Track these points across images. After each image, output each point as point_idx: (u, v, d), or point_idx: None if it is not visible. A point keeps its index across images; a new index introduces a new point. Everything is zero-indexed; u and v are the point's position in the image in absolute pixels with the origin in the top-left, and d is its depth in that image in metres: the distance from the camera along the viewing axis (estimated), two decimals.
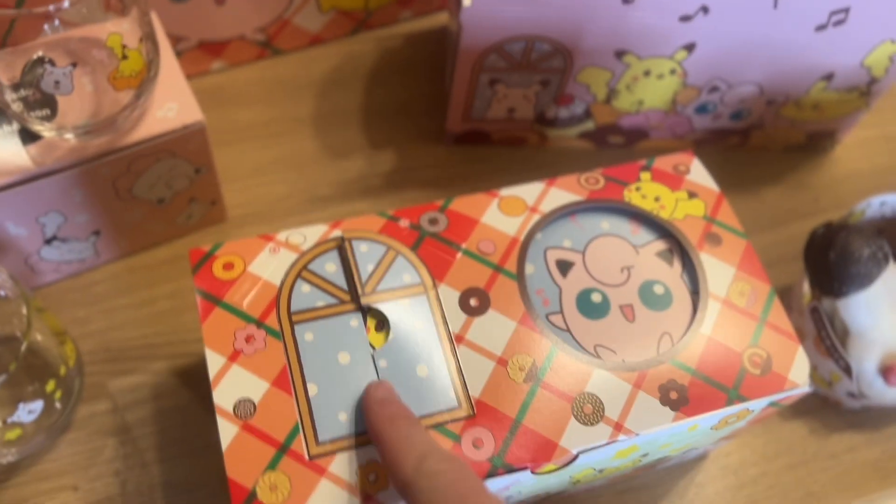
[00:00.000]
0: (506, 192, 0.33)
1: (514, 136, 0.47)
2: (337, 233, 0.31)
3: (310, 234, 0.31)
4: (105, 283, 0.41)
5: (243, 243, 0.30)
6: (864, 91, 0.45)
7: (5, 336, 0.33)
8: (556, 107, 0.45)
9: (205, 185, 0.41)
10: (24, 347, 0.31)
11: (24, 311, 0.32)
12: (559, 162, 0.48)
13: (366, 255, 0.30)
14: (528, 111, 0.45)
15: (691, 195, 0.34)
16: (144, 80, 0.35)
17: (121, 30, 0.33)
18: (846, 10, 0.39)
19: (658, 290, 0.32)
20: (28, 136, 0.35)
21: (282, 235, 0.31)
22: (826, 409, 0.41)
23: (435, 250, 0.31)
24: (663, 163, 0.35)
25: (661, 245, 0.33)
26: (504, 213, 0.33)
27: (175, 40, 0.46)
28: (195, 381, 0.38)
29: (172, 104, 0.37)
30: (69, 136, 0.34)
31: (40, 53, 0.33)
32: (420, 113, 0.49)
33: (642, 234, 0.33)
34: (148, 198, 0.39)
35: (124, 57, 0.33)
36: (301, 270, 0.30)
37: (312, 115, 0.48)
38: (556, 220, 0.33)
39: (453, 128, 0.46)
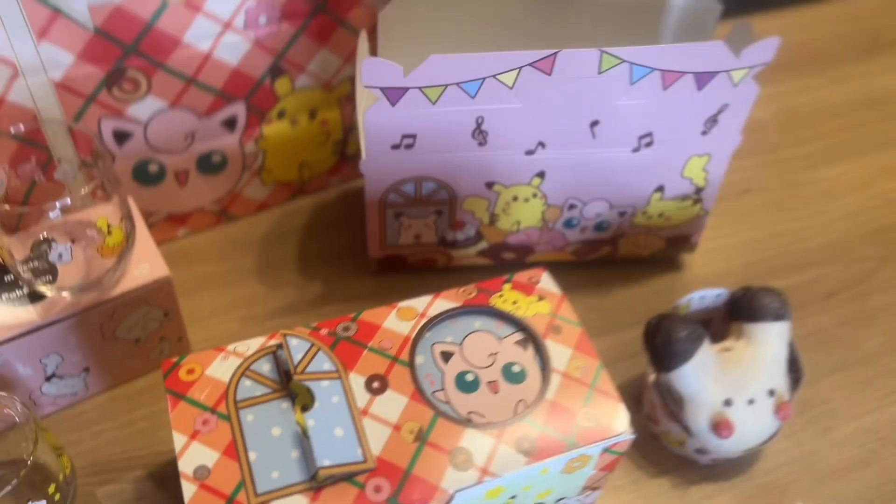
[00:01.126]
0: (402, 304, 0.44)
1: (425, 258, 0.59)
2: (273, 342, 0.41)
3: (252, 344, 0.41)
4: (93, 412, 0.50)
5: (202, 354, 0.40)
6: (696, 198, 0.58)
7: (18, 454, 0.42)
8: (452, 231, 0.57)
9: (173, 326, 0.51)
10: (32, 457, 0.40)
11: (33, 428, 0.41)
12: (464, 278, 0.59)
13: (296, 347, 0.40)
14: (431, 236, 0.57)
15: (540, 298, 0.45)
16: (124, 249, 0.46)
17: (106, 213, 0.44)
18: (650, 135, 0.52)
19: (516, 368, 0.42)
20: (35, 297, 0.45)
21: (231, 346, 0.41)
22: (684, 466, 0.51)
23: (347, 348, 0.41)
24: (521, 276, 0.47)
25: (518, 336, 0.44)
26: (400, 319, 0.43)
27: (147, 215, 0.58)
28: (169, 483, 0.47)
29: (145, 264, 0.48)
30: (66, 294, 0.45)
31: (45, 235, 0.45)
32: (348, 254, 0.61)
33: (504, 329, 0.44)
34: (127, 338, 0.49)
35: (109, 233, 0.44)
36: (245, 370, 0.40)
37: (260, 265, 0.60)
38: (440, 322, 0.44)
39: (374, 254, 0.58)
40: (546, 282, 0.47)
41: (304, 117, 0.59)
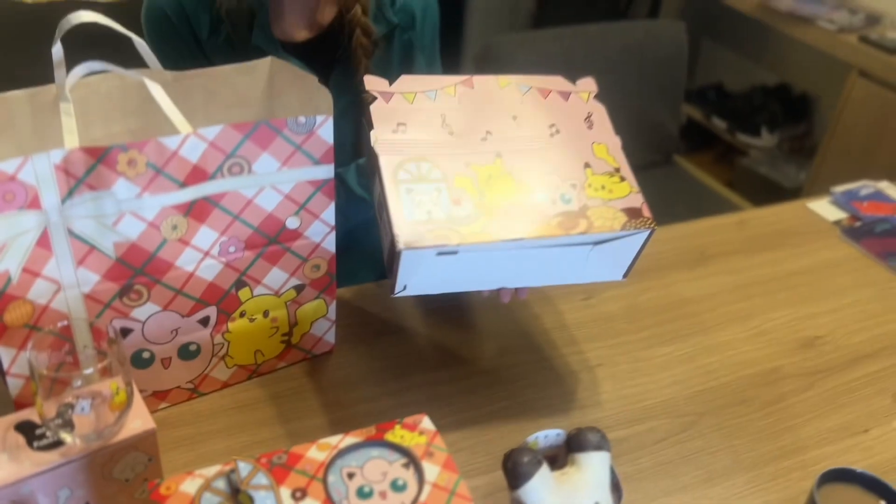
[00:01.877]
0: (322, 440, 0.63)
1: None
2: (228, 468, 0.59)
3: (213, 469, 0.59)
4: None
5: (177, 476, 0.58)
6: (620, 175, 0.79)
7: None
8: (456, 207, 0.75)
9: (154, 471, 0.68)
10: None
11: None
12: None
13: (243, 468, 0.58)
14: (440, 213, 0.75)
15: (421, 433, 0.64)
16: (126, 407, 0.65)
17: (116, 380, 0.64)
18: (554, 125, 0.78)
19: (400, 482, 0.60)
20: (57, 443, 0.63)
21: (198, 471, 0.59)
22: None
23: (279, 471, 0.59)
24: (408, 420, 0.66)
25: (404, 460, 0.62)
26: (319, 450, 0.62)
27: (138, 391, 0.77)
28: None
29: (138, 420, 0.66)
30: (79, 440, 0.63)
31: (70, 399, 0.63)
32: (295, 418, 0.79)
33: (395, 455, 0.62)
34: (119, 478, 0.66)
35: (117, 393, 0.63)
36: (207, 486, 0.57)
37: (221, 428, 0.78)
38: (348, 452, 0.62)
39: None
40: (426, 423, 0.66)
41: (260, 316, 0.80)
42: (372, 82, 0.77)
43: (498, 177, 0.74)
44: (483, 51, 1.76)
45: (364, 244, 1.04)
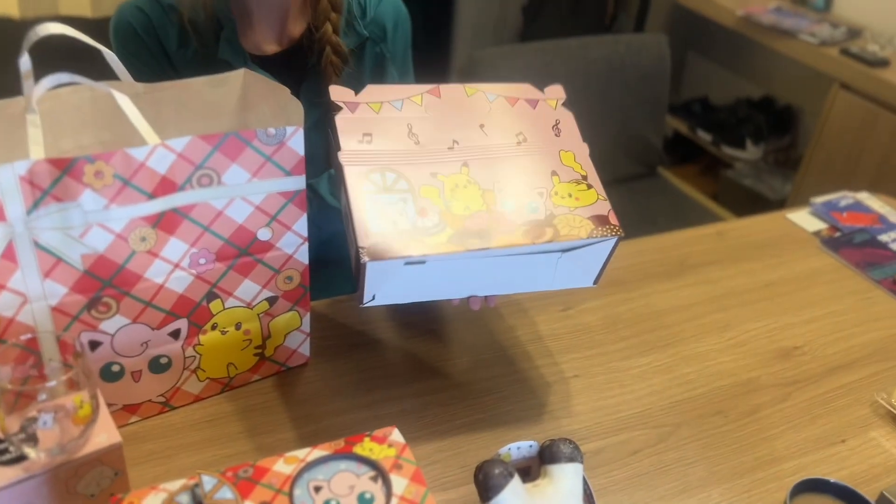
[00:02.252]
0: (289, 454, 0.62)
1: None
2: (192, 482, 0.59)
3: (177, 483, 0.58)
4: None
5: (141, 490, 0.57)
6: (587, 184, 0.79)
7: None
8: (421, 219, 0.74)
9: (121, 485, 0.67)
10: None
11: None
12: None
13: (207, 482, 0.57)
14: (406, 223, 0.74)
15: (390, 446, 0.64)
16: (90, 421, 0.64)
17: (81, 394, 0.63)
18: (521, 133, 0.78)
19: (368, 495, 0.60)
20: (20, 458, 0.62)
21: (162, 485, 0.58)
22: None
23: (245, 484, 0.59)
24: (378, 432, 0.66)
25: (372, 472, 0.62)
26: (286, 464, 0.61)
27: (109, 405, 0.76)
28: None
29: (104, 434, 0.65)
30: (43, 454, 0.62)
31: (34, 413, 0.63)
32: (267, 431, 0.78)
33: (363, 468, 0.62)
34: (84, 493, 0.65)
35: (81, 407, 0.63)
36: (170, 501, 0.57)
37: (192, 442, 0.77)
38: (315, 465, 0.62)
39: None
40: (395, 435, 0.65)
41: (232, 328, 0.80)
42: (337, 92, 0.77)
43: (464, 186, 0.74)
44: (467, 63, 1.77)
45: (339, 255, 1.04)
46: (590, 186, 0.78)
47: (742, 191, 2.47)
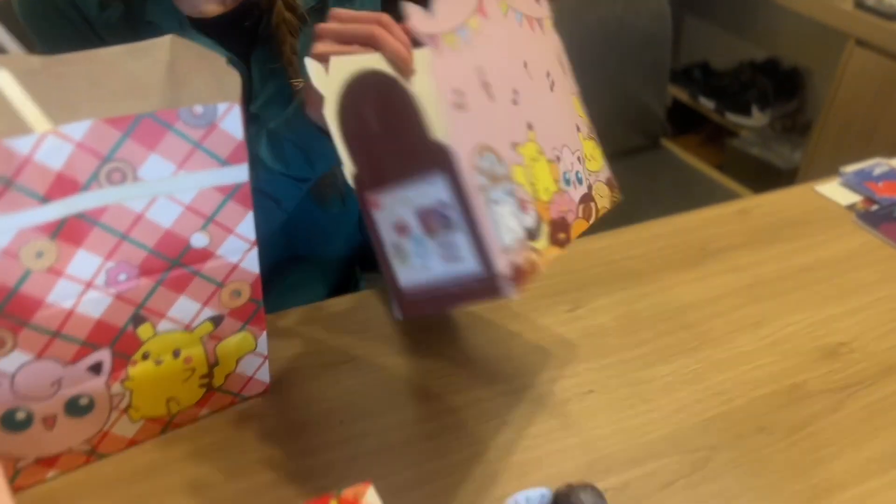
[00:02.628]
0: None
1: None
2: None
3: None
4: None
5: None
6: (592, 136, 0.66)
7: None
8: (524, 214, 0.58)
9: None
10: None
11: None
12: None
13: None
14: None
15: None
16: None
17: None
18: (549, 74, 0.62)
19: None
20: None
21: None
22: None
23: None
24: (350, 492, 0.51)
25: None
26: None
27: (15, 460, 0.61)
28: None
29: None
30: None
31: None
32: (219, 482, 0.64)
33: None
34: None
35: None
36: None
37: (127, 498, 0.63)
38: None
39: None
40: (370, 496, 0.51)
41: (168, 357, 0.65)
42: (417, 16, 0.52)
43: (536, 159, 0.56)
44: None
45: (310, 248, 0.89)
46: (596, 142, 0.66)
47: (750, 160, 2.32)
